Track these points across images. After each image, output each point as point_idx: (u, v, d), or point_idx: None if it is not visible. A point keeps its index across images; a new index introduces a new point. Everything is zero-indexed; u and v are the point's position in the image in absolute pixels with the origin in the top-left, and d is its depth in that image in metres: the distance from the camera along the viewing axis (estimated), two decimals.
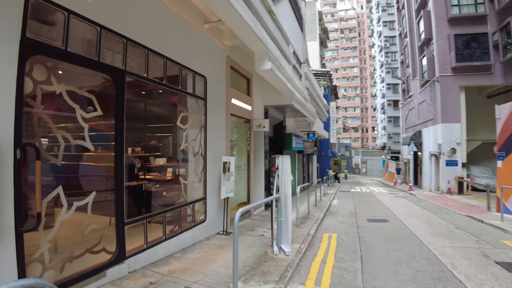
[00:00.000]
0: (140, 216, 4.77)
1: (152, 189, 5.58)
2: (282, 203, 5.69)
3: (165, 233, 5.29)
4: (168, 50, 5.37)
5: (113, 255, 4.20)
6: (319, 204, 12.31)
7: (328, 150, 30.35)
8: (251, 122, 9.21)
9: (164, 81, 5.31)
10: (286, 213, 5.77)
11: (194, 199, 6.26)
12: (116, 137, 4.32)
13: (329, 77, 30.69)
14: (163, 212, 5.28)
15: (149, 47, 4.90)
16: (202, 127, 6.56)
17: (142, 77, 4.82)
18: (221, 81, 7.32)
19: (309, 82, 14.71)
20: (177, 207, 5.70)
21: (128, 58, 4.53)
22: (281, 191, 5.83)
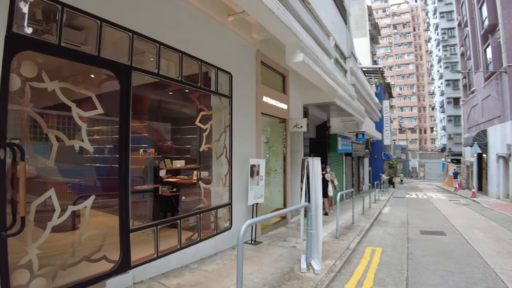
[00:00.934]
0: (149, 223, 4.33)
1: (167, 193, 5.14)
2: (312, 213, 4.83)
3: (180, 241, 4.79)
4: (185, 45, 4.91)
5: (115, 264, 3.79)
6: (367, 212, 10.96)
7: (381, 153, 27.91)
8: (287, 121, 8.43)
9: (179, 78, 4.85)
10: (317, 225, 4.89)
11: (217, 205, 5.70)
12: (121, 137, 3.93)
13: (381, 74, 28.36)
14: (178, 219, 4.78)
15: (161, 41, 4.48)
16: (227, 127, 5.99)
17: (152, 73, 4.40)
18: (249, 77, 6.70)
19: (355, 78, 13.39)
20: (195, 213, 5.19)
21: (136, 53, 4.14)
22: (311, 199, 4.97)
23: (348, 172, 17.62)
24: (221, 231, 5.72)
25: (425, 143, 67.55)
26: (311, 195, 5.02)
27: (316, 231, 4.87)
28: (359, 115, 13.67)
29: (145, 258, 4.20)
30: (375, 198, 14.45)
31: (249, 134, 6.63)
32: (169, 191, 5.19)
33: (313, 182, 5.00)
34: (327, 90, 8.84)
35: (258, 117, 6.91)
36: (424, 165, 48.96)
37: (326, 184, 9.91)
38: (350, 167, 18.27)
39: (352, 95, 11.37)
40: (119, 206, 3.87)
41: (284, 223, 8.16)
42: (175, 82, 4.80)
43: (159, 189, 5.05)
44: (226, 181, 5.94)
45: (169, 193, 5.21)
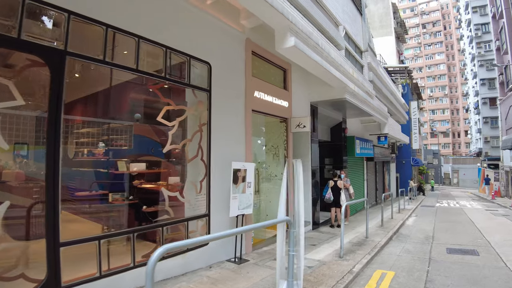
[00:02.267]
0: (87, 237, 3.46)
1: (119, 201, 4.28)
2: (296, 229, 3.73)
3: (133, 258, 3.89)
4: (145, 29, 4.09)
5: (39, 283, 2.96)
6: (388, 223, 9.49)
7: (409, 158, 25.68)
8: (288, 121, 7.35)
9: (135, 66, 4.01)
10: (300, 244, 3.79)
11: (189, 216, 4.75)
12: (48, 134, 3.12)
13: (408, 73, 26.29)
14: (130, 232, 3.89)
15: (110, 24, 3.69)
16: (203, 125, 5.06)
17: (95, 59, 3.58)
18: (236, 69, 5.75)
19: (374, 74, 12.03)
20: (156, 226, 4.27)
21: (75, 36, 3.35)
22: (294, 211, 3.89)
23: (370, 178, 16.00)
24: (194, 247, 4.76)
25: (459, 147, 62.50)
26: (294, 205, 3.92)
27: (300, 252, 3.77)
28: (380, 116, 12.23)
29: (82, 278, 3.35)
30: (399, 208, 12.80)
31: (235, 134, 5.65)
32: (121, 199, 4.32)
33: (296, 190, 3.90)
34: (336, 85, 7.67)
35: (248, 115, 5.91)
36: (458, 170, 44.94)
37: (338, 192, 8.64)
38: (372, 173, 16.61)
39: (369, 92, 10.04)
40: (45, 215, 3.07)
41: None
42: (128, 71, 3.97)
43: (110, 197, 4.20)
44: (202, 188, 4.99)
45: (122, 202, 4.34)
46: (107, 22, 3.68)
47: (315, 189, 8.72)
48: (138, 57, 4.10)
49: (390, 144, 20.72)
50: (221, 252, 5.20)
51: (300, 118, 7.21)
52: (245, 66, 5.92)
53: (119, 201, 4.27)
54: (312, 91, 8.46)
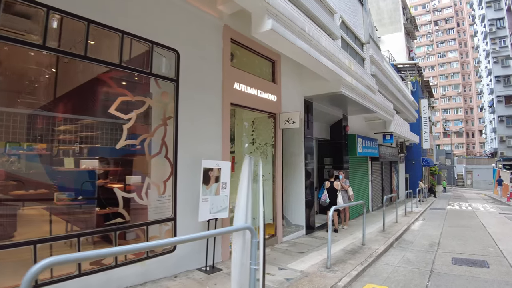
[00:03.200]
0: (18, 241, 2.92)
1: (62, 202, 3.71)
2: (254, 239, 3.07)
3: (78, 266, 3.35)
4: (94, 12, 3.58)
5: None
6: (391, 228, 8.69)
7: (420, 158, 24.50)
8: (277, 116, 6.68)
9: (83, 52, 3.47)
10: (260, 257, 3.13)
11: (150, 220, 4.17)
12: None
13: (418, 70, 25.15)
14: (72, 237, 3.35)
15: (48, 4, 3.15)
16: (168, 118, 4.47)
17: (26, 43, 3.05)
18: (211, 58, 5.14)
19: (378, 68, 11.21)
20: (105, 231, 3.71)
21: None
22: (247, 217, 3.25)
23: (376, 179, 15.12)
24: (156, 254, 4.17)
25: (473, 147, 60.06)
26: (258, 211, 3.27)
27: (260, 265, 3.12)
28: (385, 113, 11.40)
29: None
30: (405, 211, 11.89)
31: (209, 128, 5.03)
32: (68, 200, 3.76)
33: (240, 191, 3.25)
34: (330, 77, 6.97)
35: (226, 109, 5.29)
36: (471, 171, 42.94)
37: (335, 194, 7.91)
38: (378, 174, 15.72)
39: (371, 87, 9.27)
40: None
41: (272, 242, 6.36)
42: (74, 57, 3.44)
43: (55, 197, 3.64)
44: (167, 189, 4.40)
45: (69, 203, 3.78)
46: (48, 4, 3.16)
47: (311, 191, 8.02)
48: (87, 43, 3.59)
49: (399, 143, 19.71)
50: (191, 260, 4.60)
51: (289, 113, 6.53)
52: (222, 55, 5.30)
53: (65, 201, 3.72)
54: (306, 85, 7.77)
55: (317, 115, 9.12)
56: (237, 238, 3.07)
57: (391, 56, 25.46)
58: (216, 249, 4.90)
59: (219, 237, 5.07)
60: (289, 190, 7.86)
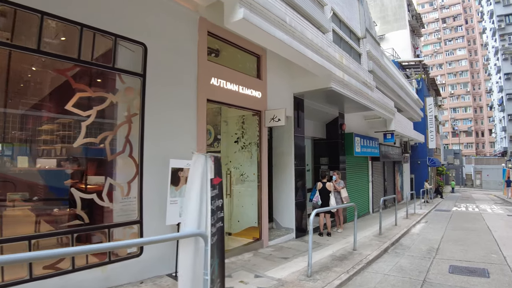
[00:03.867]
0: None
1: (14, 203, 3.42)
2: (206, 247, 2.71)
3: (30, 270, 3.09)
4: (49, 4, 3.31)
5: None
6: (389, 231, 8.21)
7: (426, 158, 23.74)
8: (262, 114, 6.30)
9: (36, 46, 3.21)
10: (206, 264, 2.75)
11: (113, 223, 3.86)
12: None
13: (423, 68, 24.42)
14: (23, 239, 3.07)
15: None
16: (133, 115, 4.17)
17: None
18: (185, 52, 4.80)
19: (376, 64, 10.73)
20: (61, 233, 3.42)
21: None
22: (186, 222, 2.87)
23: (377, 180, 14.59)
24: (119, 259, 3.86)
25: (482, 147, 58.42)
26: (201, 217, 2.89)
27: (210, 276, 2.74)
28: (384, 110, 10.90)
29: None
30: (406, 213, 11.33)
31: (182, 126, 4.69)
32: (21, 200, 3.46)
33: (188, 193, 2.87)
34: (320, 72, 6.57)
35: (201, 105, 4.94)
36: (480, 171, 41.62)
37: (328, 195, 7.48)
38: (380, 175, 15.18)
39: (367, 83, 8.81)
40: None
41: (256, 246, 5.98)
42: (27, 51, 3.18)
43: (7, 197, 3.36)
44: (131, 190, 4.08)
45: (23, 203, 3.48)
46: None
47: (302, 192, 7.61)
48: (41, 37, 3.33)
49: (402, 143, 19.08)
50: (161, 265, 4.27)
51: (274, 110, 6.16)
52: (198, 48, 4.96)
53: (18, 202, 3.43)
54: (295, 81, 7.37)
55: (311, 113, 8.72)
56: (187, 245, 2.71)
57: (396, 53, 24.79)
58: None
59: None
60: (279, 191, 7.48)
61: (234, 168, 6.64)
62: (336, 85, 6.88)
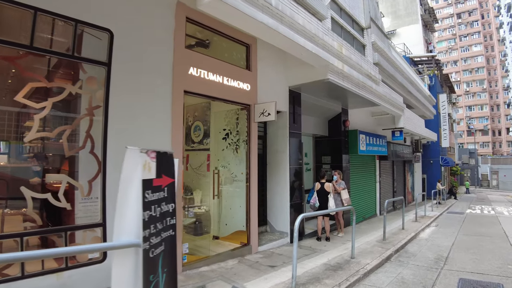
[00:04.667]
0: None
1: None
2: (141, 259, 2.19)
3: None
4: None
5: None
6: (394, 236, 7.53)
7: (438, 157, 22.63)
8: (251, 108, 5.75)
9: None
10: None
11: (72, 225, 3.43)
12: None
13: (436, 63, 23.28)
14: None
15: None
16: (95, 108, 3.69)
17: None
18: (159, 39, 4.31)
19: (383, 57, 10.01)
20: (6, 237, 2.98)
21: None
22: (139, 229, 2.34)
23: (386, 180, 13.81)
24: (79, 265, 3.41)
25: (499, 146, 55.89)
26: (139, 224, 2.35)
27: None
28: (391, 106, 10.17)
29: None
30: (416, 215, 10.55)
31: (154, 120, 4.20)
32: None
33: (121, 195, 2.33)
34: (315, 62, 5.99)
35: (177, 97, 4.44)
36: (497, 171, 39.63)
37: (326, 197, 6.88)
38: (389, 174, 14.38)
39: (372, 76, 8.15)
40: None
41: (244, 252, 5.44)
42: None
43: None
44: (93, 190, 3.62)
45: None
46: None
47: (299, 193, 7.03)
48: None
49: (414, 141, 18.14)
50: None
51: (264, 104, 5.59)
52: (174, 35, 4.46)
53: None
54: (291, 73, 6.79)
55: (311, 109, 8.13)
56: (123, 257, 2.20)
57: (407, 49, 23.74)
58: None
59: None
60: (273, 192, 6.93)
61: (222, 166, 6.13)
62: (334, 76, 6.26)
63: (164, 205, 2.49)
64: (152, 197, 2.32)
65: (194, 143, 7.12)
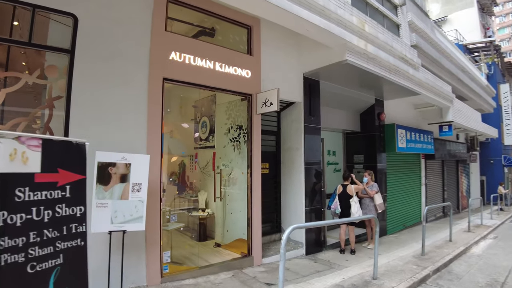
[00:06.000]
0: None
1: None
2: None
3: None
4: None
5: None
6: (438, 250, 6.08)
7: (500, 156, 19.34)
8: (253, 98, 4.92)
9: None
10: None
11: None
12: None
13: (495, 50, 20.03)
14: None
15: None
16: (57, 99, 3.24)
17: None
18: (134, 22, 3.75)
19: (422, 38, 8.45)
20: None
21: None
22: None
23: (434, 183, 11.90)
24: None
25: None
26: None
27: None
28: (435, 95, 8.56)
29: None
30: (469, 224, 8.67)
31: (126, 111, 3.62)
32: None
33: None
34: (330, 41, 5.00)
35: (155, 86, 3.80)
36: None
37: (348, 202, 5.74)
38: (437, 176, 12.39)
39: (408, 59, 6.81)
40: None
41: (244, 263, 4.60)
42: None
43: None
44: None
45: None
46: None
47: (320, 197, 6.01)
48: None
49: (469, 138, 15.59)
50: (95, 280, 3.20)
51: (266, 92, 4.72)
52: (152, 17, 3.86)
53: None
54: (305, 57, 5.82)
55: (338, 100, 7.09)
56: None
57: (460, 35, 20.82)
58: (137, 268, 3.51)
59: (142, 252, 3.63)
60: (288, 195, 6.02)
61: (224, 165, 5.39)
62: (355, 57, 5.15)
63: (63, 208, 1.83)
64: (31, 197, 1.65)
65: (201, 140, 6.52)
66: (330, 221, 5.90)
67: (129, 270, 3.47)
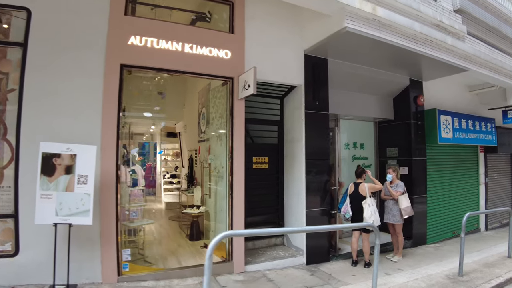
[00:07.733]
0: None
1: None
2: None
3: None
4: None
5: None
6: (485, 269, 4.66)
7: None
8: (234, 82, 4.28)
9: None
10: None
11: None
12: None
13: None
14: None
15: None
16: (10, 92, 3.31)
17: None
18: (91, 10, 3.56)
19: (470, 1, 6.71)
20: None
21: None
22: None
23: (496, 182, 9.70)
24: None
25: None
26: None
27: None
28: (496, 73, 6.83)
29: None
30: None
31: (80, 102, 3.41)
32: None
33: None
34: (324, 7, 4.08)
35: (111, 73, 3.48)
36: None
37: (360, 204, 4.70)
38: (502, 174, 10.05)
39: (446, 27, 5.43)
40: None
41: (221, 269, 4.05)
42: None
43: None
44: (5, 178, 3.14)
45: None
46: None
47: (328, 197, 5.11)
48: None
49: None
50: (44, 272, 3.08)
51: (245, 74, 4.04)
52: (110, 2, 3.53)
53: None
54: (305, 32, 4.94)
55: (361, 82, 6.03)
56: None
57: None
58: (91, 264, 3.27)
59: (97, 248, 3.36)
60: (289, 194, 5.27)
61: (211, 159, 4.87)
62: (358, 24, 4.13)
63: None
64: None
65: (202, 133, 6.13)
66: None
67: (83, 265, 3.32)
